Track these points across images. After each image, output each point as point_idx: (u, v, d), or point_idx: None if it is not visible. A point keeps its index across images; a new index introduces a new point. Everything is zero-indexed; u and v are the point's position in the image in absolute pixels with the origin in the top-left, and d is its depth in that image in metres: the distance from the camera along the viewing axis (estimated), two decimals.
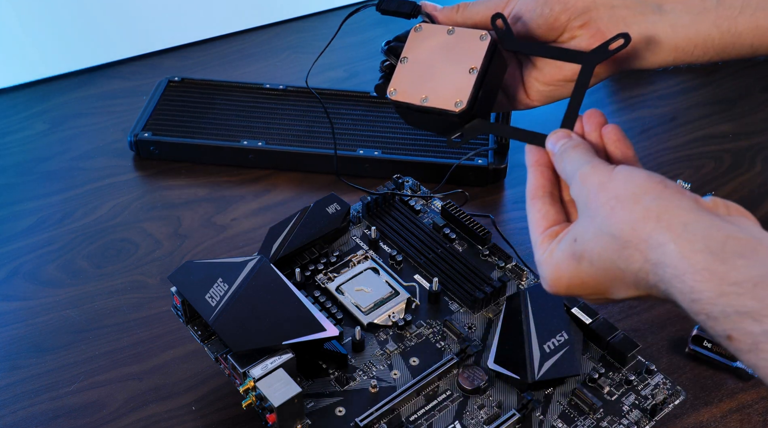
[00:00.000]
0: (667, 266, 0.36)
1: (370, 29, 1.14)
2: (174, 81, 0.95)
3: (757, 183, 0.85)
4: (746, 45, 0.49)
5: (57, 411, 0.63)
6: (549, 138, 0.47)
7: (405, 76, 0.52)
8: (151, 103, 0.92)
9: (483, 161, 0.85)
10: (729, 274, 0.34)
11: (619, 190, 0.39)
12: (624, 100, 0.99)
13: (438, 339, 0.62)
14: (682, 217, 0.36)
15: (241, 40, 1.12)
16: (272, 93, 0.94)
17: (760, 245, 0.35)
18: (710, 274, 0.34)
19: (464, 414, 0.56)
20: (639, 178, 0.39)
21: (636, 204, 0.38)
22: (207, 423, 0.61)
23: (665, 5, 0.49)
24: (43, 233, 0.80)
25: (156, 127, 0.89)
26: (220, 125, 0.89)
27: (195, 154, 0.88)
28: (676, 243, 0.35)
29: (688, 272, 0.35)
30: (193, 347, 0.67)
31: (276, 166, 0.87)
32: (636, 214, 0.37)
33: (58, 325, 0.70)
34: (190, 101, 0.93)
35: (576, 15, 0.50)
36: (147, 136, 0.87)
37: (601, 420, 0.56)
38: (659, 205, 0.37)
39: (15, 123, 0.95)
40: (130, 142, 0.87)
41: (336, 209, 0.68)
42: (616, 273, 0.39)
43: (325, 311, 0.63)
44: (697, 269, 0.35)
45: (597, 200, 0.40)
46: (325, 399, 0.57)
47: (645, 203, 0.38)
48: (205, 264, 0.59)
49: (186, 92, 0.94)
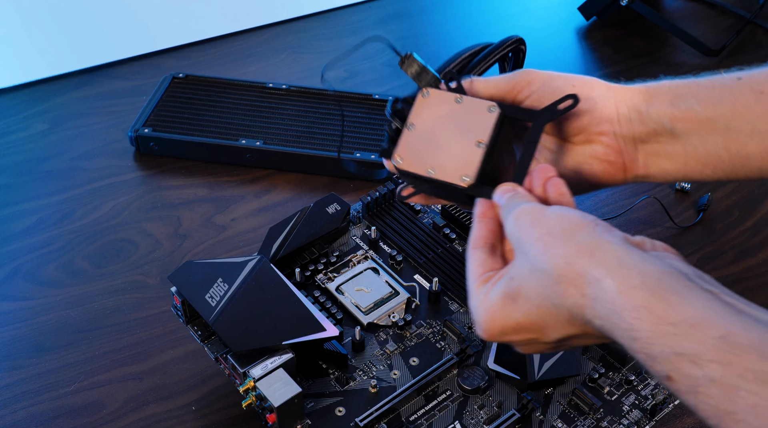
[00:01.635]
0: (606, 302, 0.36)
1: (370, 29, 1.14)
2: (178, 78, 0.95)
3: (757, 183, 0.85)
4: (755, 168, 0.49)
5: (57, 411, 0.63)
6: (496, 191, 0.46)
7: (411, 144, 0.51)
8: (154, 99, 0.92)
9: None
10: (666, 313, 0.33)
11: (552, 227, 0.39)
12: None
13: (438, 339, 0.62)
14: (615, 253, 0.36)
15: (242, 40, 1.12)
16: (275, 92, 0.94)
17: (690, 282, 0.35)
18: (648, 312, 0.34)
19: (464, 414, 0.56)
20: (571, 215, 0.40)
21: (569, 240, 0.38)
22: (207, 423, 0.61)
23: (677, 125, 0.49)
24: (43, 233, 0.80)
25: (157, 124, 0.89)
26: (221, 123, 0.89)
27: (193, 151, 0.88)
28: (613, 279, 0.35)
29: (626, 309, 0.34)
30: (193, 347, 0.67)
31: (274, 166, 0.87)
32: (570, 249, 0.38)
33: (58, 325, 0.70)
34: (193, 98, 0.93)
35: (597, 122, 0.50)
36: (147, 132, 0.87)
37: (601, 420, 0.56)
38: (592, 242, 0.37)
39: (15, 123, 0.95)
40: (130, 137, 0.88)
41: (336, 209, 0.68)
42: (550, 309, 0.39)
43: (325, 311, 0.63)
44: (635, 306, 0.34)
45: (530, 236, 0.40)
46: (325, 399, 0.57)
47: (578, 239, 0.38)
48: (205, 264, 0.59)
49: (189, 89, 0.94)
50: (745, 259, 0.76)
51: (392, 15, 1.18)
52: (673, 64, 1.05)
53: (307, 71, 1.05)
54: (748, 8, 1.13)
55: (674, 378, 0.33)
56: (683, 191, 0.84)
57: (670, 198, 0.83)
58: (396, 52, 0.53)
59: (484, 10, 1.18)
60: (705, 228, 0.80)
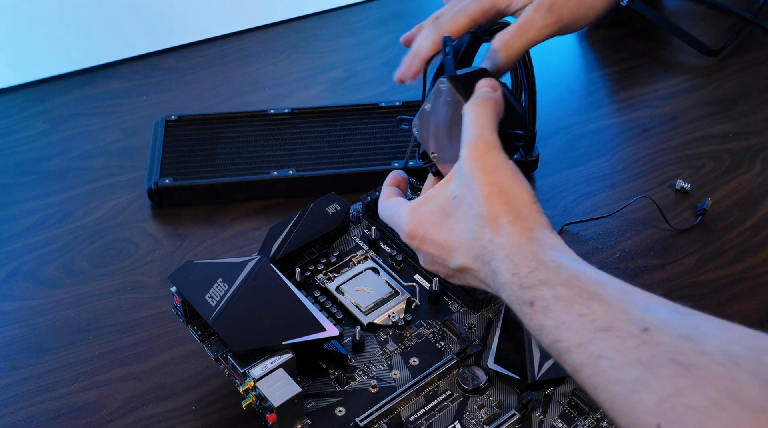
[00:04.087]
0: (504, 248, 0.44)
1: (370, 29, 1.14)
2: (171, 120, 0.89)
3: (757, 183, 0.85)
4: None
5: (57, 411, 0.63)
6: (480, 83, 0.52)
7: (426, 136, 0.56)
8: (157, 146, 0.85)
9: (517, 156, 0.81)
10: (544, 256, 0.43)
11: (503, 182, 0.46)
12: (624, 100, 0.99)
13: (438, 339, 0.62)
14: (531, 224, 0.45)
15: (241, 40, 1.12)
16: (279, 118, 0.90)
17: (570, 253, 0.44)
18: (532, 256, 0.43)
19: (464, 414, 0.56)
20: (523, 184, 0.47)
21: (509, 200, 0.45)
22: (207, 423, 0.61)
23: None
24: (43, 233, 0.80)
25: (174, 172, 0.82)
26: (240, 159, 0.84)
27: (222, 193, 0.81)
28: (517, 235, 0.44)
29: (518, 254, 0.44)
30: (193, 347, 0.67)
31: (311, 192, 0.81)
32: (505, 207, 0.45)
33: (58, 325, 0.70)
34: (196, 139, 0.87)
35: None
36: (168, 182, 0.80)
37: (601, 421, 0.56)
38: (524, 212, 0.45)
39: (15, 123, 0.95)
40: (149, 190, 0.80)
41: (336, 209, 0.68)
42: (468, 241, 0.47)
43: (325, 311, 0.63)
44: (524, 250, 0.43)
45: (481, 178, 0.46)
46: (325, 399, 0.57)
47: (515, 203, 0.45)
48: (205, 264, 0.59)
49: (187, 130, 0.88)
50: (745, 259, 0.76)
51: (392, 15, 1.18)
52: (673, 64, 1.05)
53: (306, 71, 1.05)
54: (748, 8, 1.13)
55: (535, 303, 0.41)
56: (683, 191, 0.84)
57: (670, 198, 0.83)
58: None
59: None
60: (705, 228, 0.80)
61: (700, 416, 0.31)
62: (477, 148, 0.47)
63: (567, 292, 0.40)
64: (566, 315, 0.39)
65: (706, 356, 0.32)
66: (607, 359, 0.36)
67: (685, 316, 0.35)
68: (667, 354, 0.33)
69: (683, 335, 0.34)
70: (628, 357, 0.35)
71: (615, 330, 0.36)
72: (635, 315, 0.36)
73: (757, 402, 0.30)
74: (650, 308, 0.37)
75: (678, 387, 0.32)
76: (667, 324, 0.35)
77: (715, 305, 0.71)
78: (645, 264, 0.76)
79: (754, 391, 0.30)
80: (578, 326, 0.38)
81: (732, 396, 0.30)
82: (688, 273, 0.75)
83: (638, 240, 0.78)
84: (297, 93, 1.01)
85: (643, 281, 0.74)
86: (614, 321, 0.37)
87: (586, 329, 0.37)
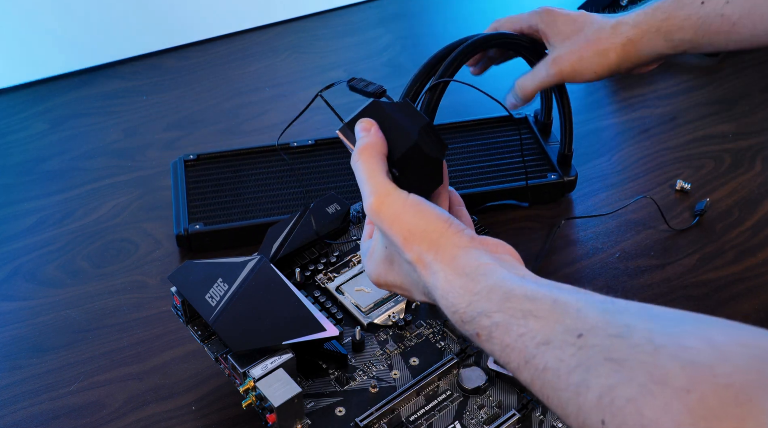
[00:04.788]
0: (437, 288, 0.46)
1: (370, 29, 1.14)
2: (189, 160, 0.83)
3: (757, 183, 0.85)
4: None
5: (57, 411, 0.63)
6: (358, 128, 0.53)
7: None
8: (180, 188, 0.80)
9: (554, 176, 0.81)
10: (473, 287, 0.44)
11: (411, 223, 0.48)
12: (624, 100, 0.99)
13: (438, 339, 0.62)
14: (453, 252, 0.46)
15: (241, 40, 1.12)
16: (303, 150, 0.85)
17: (502, 269, 0.44)
18: (464, 291, 0.44)
19: (464, 414, 0.56)
20: (431, 214, 0.48)
21: (424, 236, 0.47)
22: (207, 423, 0.61)
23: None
24: (43, 233, 0.80)
25: (202, 216, 0.77)
26: (274, 197, 0.79)
27: (257, 235, 0.72)
28: (444, 272, 0.46)
29: (450, 292, 0.45)
30: (193, 347, 0.67)
31: None
32: (424, 245, 0.47)
33: (58, 325, 0.70)
34: (220, 177, 0.82)
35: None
36: (198, 228, 0.75)
37: None
38: (442, 243, 0.47)
39: (15, 123, 0.95)
40: (178, 235, 0.75)
41: (336, 209, 0.68)
42: (412, 281, 0.50)
43: (325, 311, 0.63)
44: (455, 287, 0.45)
45: (390, 229, 0.48)
46: (325, 399, 0.57)
47: (431, 237, 0.47)
48: (205, 264, 0.59)
49: (208, 169, 0.83)
50: (745, 259, 0.76)
51: (392, 15, 1.18)
52: (673, 64, 1.05)
53: (306, 71, 1.05)
54: None
55: (480, 333, 0.43)
56: (683, 191, 0.84)
57: (670, 198, 0.83)
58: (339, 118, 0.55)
59: (484, 11, 1.18)
60: (704, 228, 0.80)
61: (635, 405, 0.33)
62: (372, 205, 0.49)
63: (502, 317, 0.42)
64: (508, 338, 0.41)
65: (634, 348, 0.35)
66: (551, 369, 0.38)
67: (614, 316, 0.38)
68: (602, 354, 0.36)
69: (613, 334, 0.36)
70: (569, 364, 0.37)
71: (553, 342, 0.38)
72: (568, 325, 0.38)
73: (681, 383, 0.32)
74: (581, 313, 0.39)
75: (613, 382, 0.34)
76: (598, 326, 0.37)
77: (715, 305, 0.71)
78: (645, 264, 0.76)
79: (677, 373, 0.32)
80: (521, 345, 0.40)
81: (659, 381, 0.33)
82: (687, 274, 0.75)
83: (638, 240, 0.78)
84: (297, 93, 1.01)
85: (643, 281, 0.74)
86: (551, 334, 0.39)
87: (528, 346, 0.40)
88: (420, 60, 0.72)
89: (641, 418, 0.33)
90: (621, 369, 0.34)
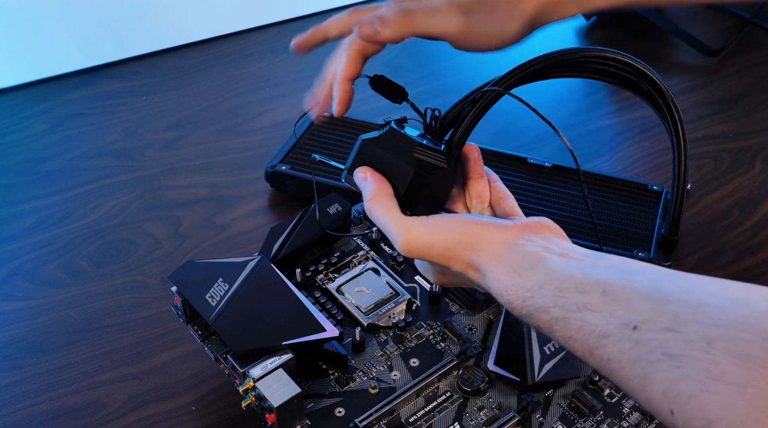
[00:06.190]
0: (491, 289, 0.47)
1: None
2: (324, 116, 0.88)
3: (757, 183, 0.85)
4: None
5: (57, 411, 0.63)
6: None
7: None
8: (295, 136, 0.87)
9: (642, 254, 0.73)
10: (525, 283, 0.44)
11: (446, 243, 0.48)
12: (624, 100, 0.99)
13: (438, 341, 0.62)
14: (494, 250, 0.47)
15: (241, 40, 1.12)
16: None
17: (547, 254, 0.45)
18: (516, 288, 0.45)
19: (464, 415, 0.56)
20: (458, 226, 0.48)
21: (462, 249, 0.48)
22: (207, 423, 0.61)
23: None
24: (43, 233, 0.80)
25: (294, 162, 0.83)
26: None
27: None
28: (493, 273, 0.46)
29: (504, 291, 0.45)
30: (193, 347, 0.67)
31: None
32: (465, 256, 0.48)
33: (58, 325, 0.70)
34: (335, 140, 0.86)
35: None
36: (284, 169, 0.82)
37: (601, 423, 0.56)
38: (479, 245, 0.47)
39: (15, 123, 0.95)
40: (266, 172, 0.83)
41: (337, 209, 0.68)
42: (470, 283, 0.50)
43: (325, 312, 0.63)
44: (507, 286, 0.45)
45: (429, 258, 0.49)
46: (325, 399, 0.57)
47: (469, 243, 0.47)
48: (205, 264, 0.59)
49: (331, 130, 0.88)
50: (745, 259, 0.76)
51: None
52: (673, 64, 1.05)
53: (306, 71, 1.05)
54: (748, 8, 1.13)
55: (541, 326, 0.43)
56: None
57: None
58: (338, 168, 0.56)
59: None
60: (705, 228, 0.80)
61: (698, 401, 0.34)
62: (402, 246, 0.49)
63: (559, 312, 0.42)
64: (569, 332, 0.42)
65: (687, 344, 0.35)
66: (614, 361, 0.39)
67: (662, 305, 0.38)
68: (658, 349, 0.36)
69: (665, 327, 0.37)
70: (630, 356, 0.38)
71: (611, 336, 0.39)
72: (622, 317, 0.39)
73: (737, 379, 0.32)
74: (631, 303, 0.39)
75: (674, 378, 0.35)
76: (649, 318, 0.38)
77: None
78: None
79: (733, 368, 0.33)
80: (582, 337, 0.41)
81: (717, 378, 0.33)
82: None
83: None
84: (297, 93, 1.01)
85: None
86: (607, 327, 0.39)
87: (589, 339, 0.40)
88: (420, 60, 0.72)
89: (706, 414, 0.33)
90: (679, 365, 0.35)
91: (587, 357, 0.41)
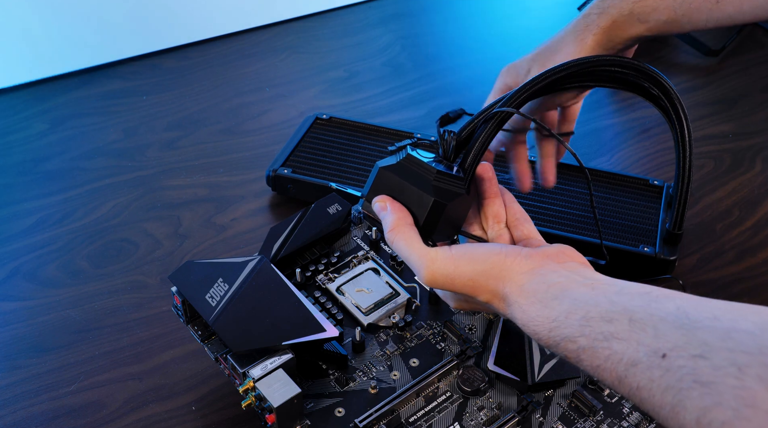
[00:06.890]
0: (517, 319, 0.47)
1: (370, 29, 1.14)
2: (322, 119, 0.89)
3: (757, 183, 0.85)
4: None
5: (57, 411, 0.63)
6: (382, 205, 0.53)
7: None
8: (295, 139, 0.87)
9: (648, 249, 0.72)
10: (550, 314, 0.45)
11: (471, 275, 0.49)
12: (624, 100, 0.99)
13: (438, 341, 0.62)
14: (518, 280, 0.47)
15: (241, 40, 1.12)
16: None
17: (571, 283, 0.46)
18: (542, 319, 0.45)
19: (464, 415, 0.56)
20: (480, 255, 0.49)
21: (487, 281, 0.49)
22: (207, 423, 0.62)
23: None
24: (43, 233, 0.80)
25: (296, 165, 0.83)
26: (364, 171, 0.82)
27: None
28: (518, 303, 0.47)
29: (530, 322, 0.46)
30: (193, 347, 0.67)
31: None
32: (490, 286, 0.49)
33: (58, 325, 0.70)
34: (335, 142, 0.87)
35: None
36: (286, 172, 0.82)
37: (601, 423, 0.56)
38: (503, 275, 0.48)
39: (15, 123, 0.95)
40: (267, 176, 0.82)
41: (337, 209, 0.68)
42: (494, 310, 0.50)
43: (325, 312, 0.63)
44: (532, 317, 0.46)
45: (453, 288, 0.50)
46: (325, 399, 0.57)
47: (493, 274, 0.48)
48: (205, 264, 0.59)
49: (332, 131, 0.88)
50: (745, 259, 0.76)
51: (392, 15, 1.18)
52: (673, 64, 1.05)
53: (306, 71, 1.05)
54: None
55: (568, 356, 0.44)
56: None
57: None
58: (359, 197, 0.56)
59: (484, 11, 1.18)
60: (705, 228, 0.80)
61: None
62: (425, 278, 0.50)
63: (586, 342, 0.42)
64: (596, 361, 0.42)
65: (718, 371, 0.35)
66: (644, 389, 0.39)
67: (690, 332, 0.38)
68: (689, 377, 0.36)
69: (695, 354, 0.36)
70: (660, 384, 0.38)
71: (640, 364, 0.39)
72: (650, 346, 0.39)
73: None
74: (659, 331, 0.39)
75: (706, 405, 0.35)
76: (678, 346, 0.38)
77: None
78: None
79: (765, 394, 0.33)
80: (610, 366, 0.41)
81: (750, 405, 0.33)
82: (688, 273, 0.75)
83: None
84: (297, 93, 1.01)
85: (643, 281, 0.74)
86: (635, 356, 0.39)
87: (618, 367, 0.40)
88: (420, 60, 0.72)
89: None
90: (711, 392, 0.35)
91: (617, 385, 0.41)
